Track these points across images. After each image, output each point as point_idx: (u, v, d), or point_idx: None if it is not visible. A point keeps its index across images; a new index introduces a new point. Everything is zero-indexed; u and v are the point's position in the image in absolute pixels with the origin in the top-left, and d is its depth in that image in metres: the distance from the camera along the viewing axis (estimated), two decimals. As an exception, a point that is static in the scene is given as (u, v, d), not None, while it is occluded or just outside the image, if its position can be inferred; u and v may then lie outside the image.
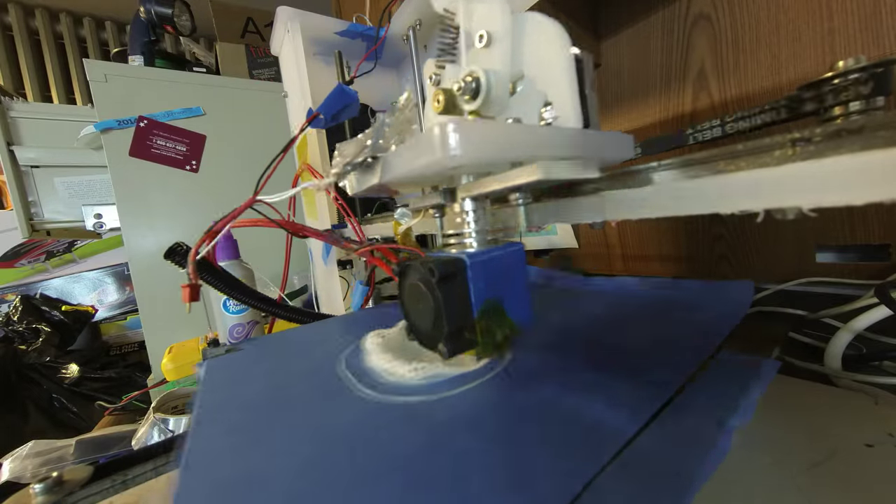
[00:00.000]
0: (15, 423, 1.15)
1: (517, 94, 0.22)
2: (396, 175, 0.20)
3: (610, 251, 0.70)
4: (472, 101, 0.20)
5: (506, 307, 0.21)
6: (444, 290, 0.19)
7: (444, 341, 0.20)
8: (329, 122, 0.30)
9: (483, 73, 0.20)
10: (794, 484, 0.19)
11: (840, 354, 0.32)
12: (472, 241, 0.23)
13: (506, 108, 0.22)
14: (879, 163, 0.10)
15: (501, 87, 0.21)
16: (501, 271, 0.21)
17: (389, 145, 0.22)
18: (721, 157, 0.14)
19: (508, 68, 0.21)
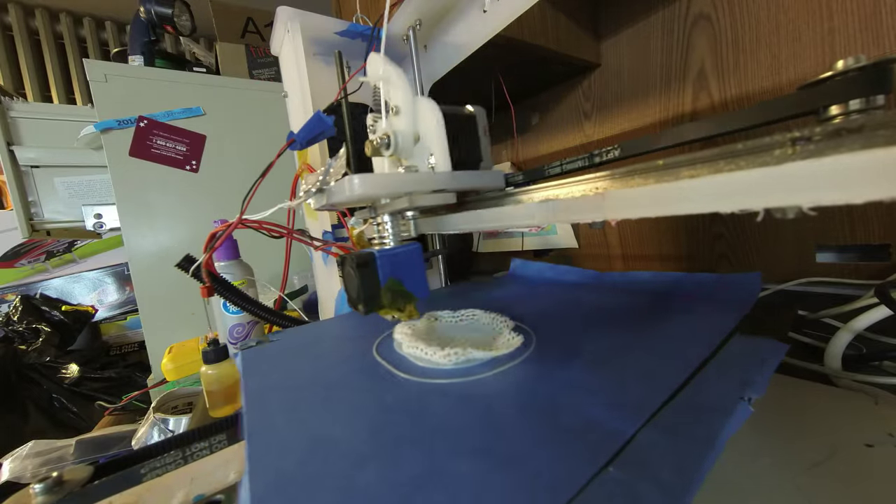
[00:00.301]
0: (15, 423, 1.15)
1: (418, 145, 0.31)
2: (334, 200, 0.31)
3: (610, 251, 0.70)
4: (387, 149, 0.31)
5: (405, 284, 0.30)
6: (361, 272, 0.28)
7: (362, 304, 0.28)
8: (304, 145, 0.36)
9: (392, 134, 0.31)
10: (795, 484, 0.20)
11: (840, 354, 0.32)
12: (389, 241, 0.33)
13: (411, 154, 0.32)
14: (879, 161, 0.10)
15: (406, 142, 0.31)
16: (401, 261, 0.30)
17: (331, 181, 0.31)
18: (721, 156, 0.14)
19: (410, 129, 0.31)
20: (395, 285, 0.29)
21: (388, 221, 0.33)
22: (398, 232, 0.33)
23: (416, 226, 0.35)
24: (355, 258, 0.28)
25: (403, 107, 0.31)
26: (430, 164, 0.31)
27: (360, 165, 0.36)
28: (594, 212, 0.19)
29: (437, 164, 0.30)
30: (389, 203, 0.32)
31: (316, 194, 0.33)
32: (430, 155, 0.31)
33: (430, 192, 0.30)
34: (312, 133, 0.34)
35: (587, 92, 0.70)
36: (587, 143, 0.72)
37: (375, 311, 0.29)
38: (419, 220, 0.36)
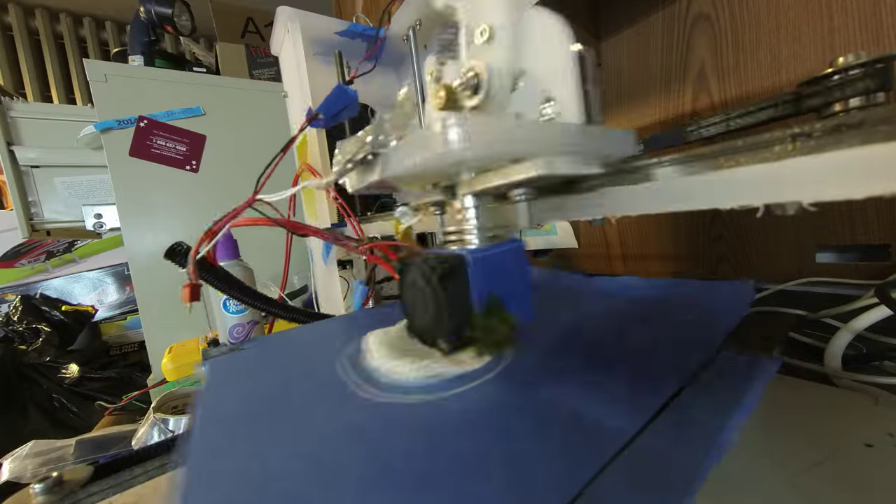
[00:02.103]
0: (15, 423, 1.15)
1: (518, 89, 0.21)
2: (396, 171, 0.20)
3: (610, 251, 0.70)
4: (473, 96, 0.20)
5: (506, 304, 0.21)
6: (446, 287, 0.19)
7: (446, 338, 0.20)
8: (329, 122, 0.30)
9: (484, 69, 0.20)
10: (794, 484, 0.19)
11: (840, 354, 0.32)
12: (473, 238, 0.22)
13: (507, 104, 0.22)
14: (880, 157, 0.10)
15: (503, 83, 0.21)
16: (502, 268, 0.21)
17: (389, 141, 0.22)
18: (721, 152, 0.14)
19: (510, 64, 0.21)
20: (496, 306, 0.20)
21: (471, 207, 0.23)
22: (484, 224, 0.23)
23: (530, 212, 0.23)
24: (437, 264, 0.19)
25: (503, 26, 0.21)
26: (545, 117, 0.21)
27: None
28: (595, 210, 0.19)
29: (565, 113, 0.20)
30: (478, 178, 0.21)
31: (359, 166, 0.23)
32: (547, 102, 0.20)
33: (560, 153, 0.18)
34: (336, 107, 0.29)
35: (587, 92, 0.70)
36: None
37: (464, 347, 0.21)
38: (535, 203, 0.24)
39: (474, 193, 0.22)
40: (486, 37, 0.21)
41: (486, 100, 0.21)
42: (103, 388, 1.28)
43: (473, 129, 0.15)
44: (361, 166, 0.23)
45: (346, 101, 0.29)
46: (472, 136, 0.15)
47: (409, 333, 0.24)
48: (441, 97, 0.21)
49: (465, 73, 0.21)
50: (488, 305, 0.20)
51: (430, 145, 0.16)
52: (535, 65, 0.21)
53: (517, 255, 0.21)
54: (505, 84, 0.21)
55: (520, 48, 0.21)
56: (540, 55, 0.21)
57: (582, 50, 0.20)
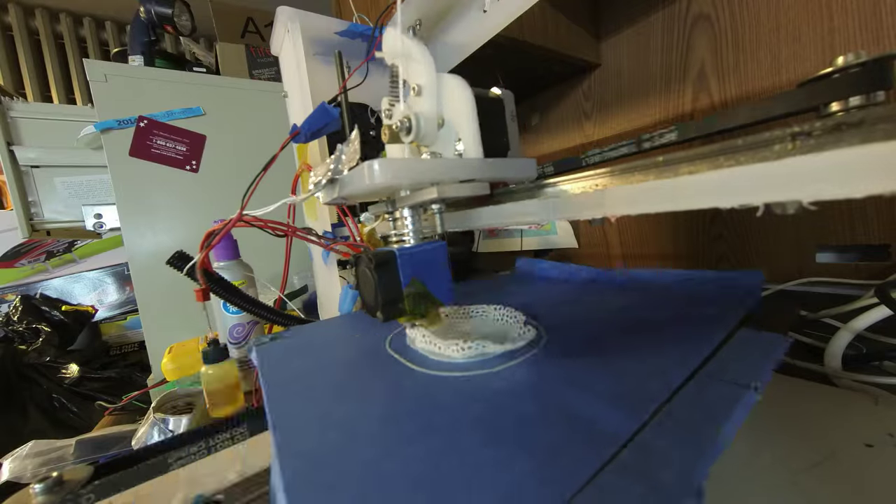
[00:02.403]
0: (15, 423, 1.15)
1: (442, 129, 0.28)
2: (348, 191, 0.28)
3: (610, 251, 0.70)
4: (408, 135, 0.28)
5: (428, 287, 0.27)
6: (380, 273, 0.25)
7: (381, 309, 0.26)
8: (309, 138, 0.34)
9: (414, 116, 0.27)
10: (795, 483, 0.19)
11: (840, 354, 0.32)
12: (410, 239, 0.30)
13: (434, 140, 0.29)
14: (879, 155, 0.10)
15: (429, 126, 0.28)
16: (424, 261, 0.27)
17: (343, 169, 0.29)
18: (721, 151, 0.14)
19: (434, 111, 0.28)
20: (419, 288, 0.27)
21: (408, 216, 0.30)
22: (419, 229, 0.30)
23: (443, 221, 0.31)
24: (373, 257, 0.26)
25: (427, 86, 0.28)
26: (457, 151, 0.28)
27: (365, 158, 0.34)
28: (595, 208, 0.19)
29: (466, 150, 0.27)
30: (411, 195, 0.29)
31: (326, 186, 0.30)
32: (458, 140, 0.27)
33: (459, 181, 0.27)
34: (317, 125, 0.33)
35: (587, 92, 0.70)
36: (587, 143, 0.72)
37: (395, 317, 0.27)
38: (445, 215, 0.32)
39: (408, 206, 0.29)
40: (417, 91, 0.28)
41: (417, 137, 0.28)
42: (103, 388, 1.28)
43: (384, 166, 0.23)
44: (328, 185, 0.30)
45: (327, 120, 0.33)
46: (384, 171, 0.23)
47: (362, 309, 0.29)
48: (387, 134, 0.28)
49: (400, 120, 0.28)
50: (411, 287, 0.27)
51: (362, 177, 0.24)
52: (450, 113, 0.28)
53: (437, 253, 0.28)
54: (432, 126, 0.28)
55: (441, 100, 0.28)
56: (452, 106, 0.27)
57: (501, 93, 0.30)
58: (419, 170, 0.25)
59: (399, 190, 0.29)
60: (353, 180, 0.26)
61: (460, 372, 0.25)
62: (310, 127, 0.33)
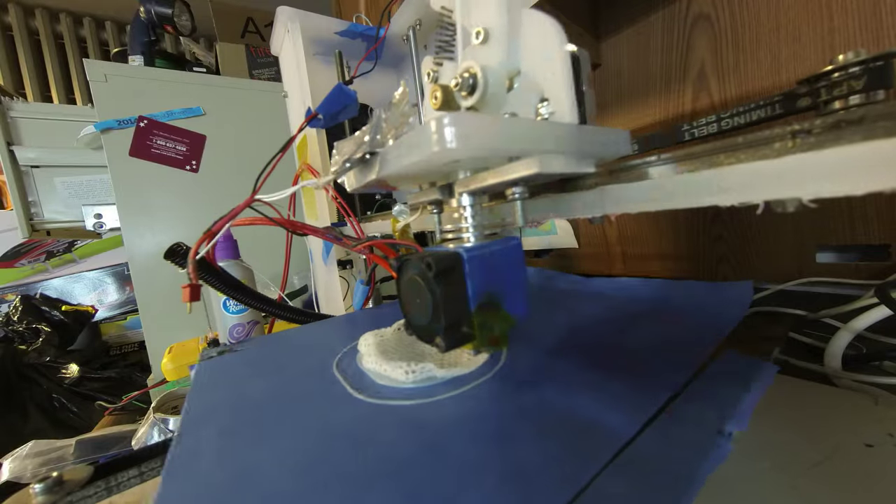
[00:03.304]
0: (15, 423, 1.15)
1: (514, 89, 0.22)
2: (394, 170, 0.20)
3: (610, 251, 0.70)
4: (469, 96, 0.21)
5: (502, 301, 0.21)
6: (442, 284, 0.19)
7: (442, 335, 0.20)
8: (328, 122, 0.30)
9: (480, 69, 0.20)
10: (794, 484, 0.19)
11: (840, 354, 0.31)
12: (470, 237, 0.23)
13: (503, 104, 0.22)
14: (880, 152, 0.10)
15: (498, 83, 0.21)
16: (499, 266, 0.21)
17: (386, 140, 0.22)
18: (721, 149, 0.14)
19: (506, 64, 0.21)
20: (492, 303, 0.20)
21: (467, 206, 0.23)
22: (481, 223, 0.23)
23: (523, 210, 0.22)
24: (434, 262, 0.19)
25: (497, 28, 0.21)
26: (540, 115, 0.21)
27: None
28: (595, 207, 0.19)
29: (559, 113, 0.20)
30: (475, 176, 0.21)
31: (358, 164, 0.23)
32: (542, 102, 0.21)
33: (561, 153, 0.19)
34: (335, 107, 0.29)
35: (587, 92, 0.70)
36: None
37: (461, 344, 0.21)
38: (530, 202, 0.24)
39: (470, 192, 0.22)
40: (481, 38, 0.21)
41: (482, 100, 0.21)
42: (103, 388, 1.28)
43: (467, 128, 0.16)
44: (360, 165, 0.23)
45: (346, 101, 0.29)
46: (467, 135, 0.16)
47: (407, 331, 0.24)
48: (438, 97, 0.21)
49: (461, 74, 0.21)
50: (484, 303, 0.20)
51: (427, 144, 0.16)
52: (530, 65, 0.21)
53: (513, 254, 0.22)
54: (500, 84, 0.21)
55: (515, 49, 0.21)
56: (535, 56, 0.21)
57: (577, 51, 0.21)
58: (514, 134, 0.17)
59: (458, 171, 0.21)
60: (406, 152, 0.19)
61: (404, 400, 0.22)
62: (327, 109, 0.29)
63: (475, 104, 0.21)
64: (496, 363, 0.25)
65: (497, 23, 0.21)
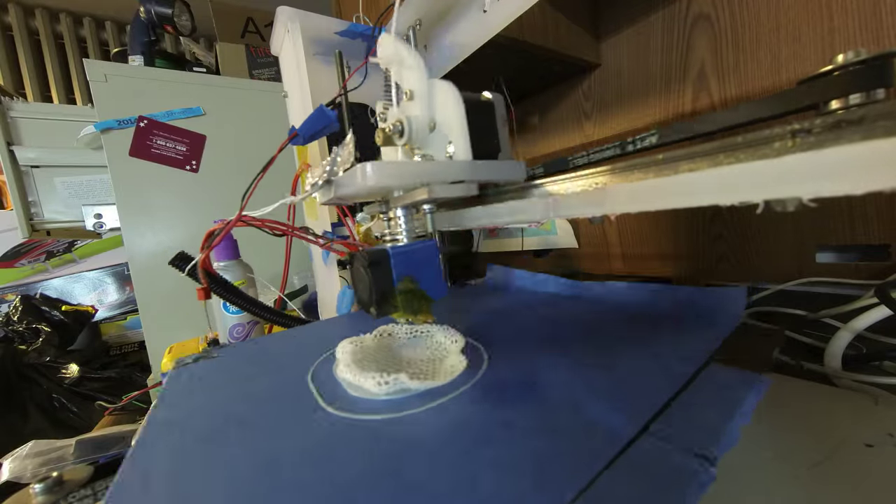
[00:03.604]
0: (15, 423, 1.14)
1: (434, 133, 0.29)
2: (343, 192, 0.29)
3: (609, 251, 0.70)
4: (400, 138, 0.29)
5: (421, 284, 0.28)
6: (373, 271, 0.26)
7: (374, 306, 0.27)
8: (307, 140, 0.34)
9: (406, 119, 0.28)
10: (794, 484, 0.19)
11: (840, 354, 0.31)
12: (403, 238, 0.31)
13: (427, 143, 0.30)
14: (880, 152, 0.10)
15: (420, 129, 0.29)
16: (416, 259, 0.28)
17: (338, 171, 0.29)
18: (721, 149, 0.14)
19: (426, 115, 0.29)
20: (411, 285, 0.27)
21: (401, 216, 0.31)
22: (412, 228, 0.31)
23: (433, 221, 0.32)
24: (367, 256, 0.26)
25: (418, 90, 0.29)
26: (448, 154, 0.28)
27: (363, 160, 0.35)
28: (595, 206, 0.19)
29: (456, 152, 0.28)
30: (403, 196, 0.30)
31: (322, 187, 0.31)
32: (449, 143, 0.28)
33: (449, 182, 0.28)
34: (315, 127, 0.33)
35: (587, 92, 0.70)
36: (587, 143, 0.72)
37: (389, 313, 0.27)
38: (436, 215, 0.33)
39: (401, 206, 0.31)
40: (409, 96, 0.29)
41: (410, 140, 0.29)
42: (103, 388, 1.28)
43: (376, 168, 0.24)
44: (325, 186, 0.31)
45: (325, 122, 0.33)
46: (376, 173, 0.24)
47: (357, 305, 0.30)
48: (380, 136, 0.29)
49: (393, 123, 0.29)
50: (403, 284, 0.27)
51: (356, 177, 0.25)
52: (441, 116, 0.29)
53: (428, 251, 0.29)
54: (423, 129, 0.29)
55: (433, 105, 0.29)
56: (444, 110, 0.28)
57: (491, 97, 0.31)
58: (410, 172, 0.26)
59: (392, 191, 0.30)
60: (348, 182, 0.27)
61: (375, 414, 0.22)
62: (308, 130, 0.33)
63: (405, 143, 0.29)
64: (474, 375, 0.26)
65: (418, 87, 0.29)
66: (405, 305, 0.27)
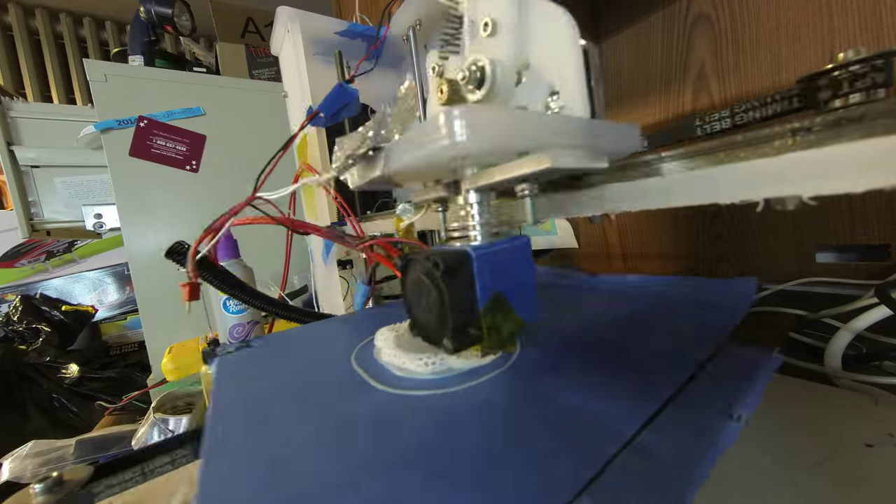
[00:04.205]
0: (15, 423, 1.15)
1: (523, 83, 0.21)
2: (400, 166, 0.19)
3: (610, 251, 0.70)
4: (476, 90, 0.20)
5: (511, 302, 0.21)
6: (449, 283, 0.18)
7: (450, 336, 0.19)
8: (329, 120, 0.30)
9: (488, 62, 0.20)
10: (794, 484, 0.19)
11: (840, 354, 0.31)
12: (477, 235, 0.22)
13: (512, 98, 0.21)
14: (880, 150, 0.10)
15: (507, 76, 0.20)
16: (507, 265, 0.21)
17: (392, 135, 0.21)
18: (721, 147, 0.14)
19: (515, 57, 0.20)
20: (501, 304, 0.20)
21: (474, 203, 0.22)
22: (488, 221, 0.22)
23: (535, 208, 0.21)
24: (440, 260, 0.18)
25: (505, 19, 0.20)
26: (550, 109, 0.21)
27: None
28: (596, 205, 0.19)
29: (570, 106, 0.20)
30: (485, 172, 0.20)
31: (361, 162, 0.22)
32: (553, 95, 0.20)
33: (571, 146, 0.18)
34: (336, 105, 0.30)
35: (587, 92, 0.70)
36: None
37: (469, 346, 0.21)
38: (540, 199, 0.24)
39: (478, 189, 0.21)
40: (489, 30, 0.21)
41: (491, 93, 0.20)
42: (103, 388, 1.28)
43: (477, 122, 0.15)
44: (363, 162, 0.22)
45: (347, 100, 0.29)
46: (477, 129, 0.15)
47: (412, 332, 0.23)
48: (444, 91, 0.20)
49: (468, 67, 0.20)
50: (492, 303, 0.19)
51: (434, 137, 0.16)
52: (540, 58, 0.20)
53: (522, 253, 0.21)
54: (509, 77, 0.21)
55: (525, 41, 0.21)
56: (545, 47, 0.20)
57: (586, 45, 0.21)
58: (526, 128, 0.17)
59: (465, 167, 0.21)
60: (413, 146, 0.18)
61: (423, 390, 0.22)
62: (329, 108, 0.30)
63: (483, 98, 0.21)
64: (510, 357, 0.26)
65: (506, 14, 0.20)
66: (492, 333, 0.20)
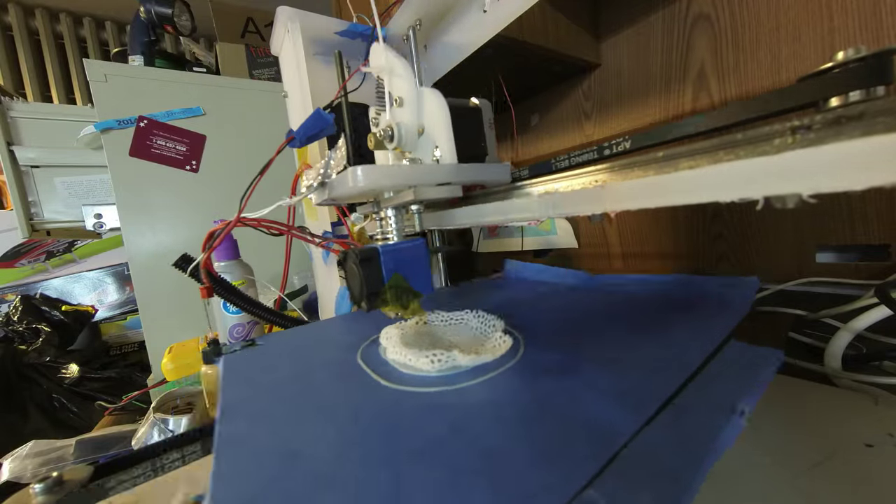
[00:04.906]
0: (15, 423, 1.14)
1: (422, 137, 0.31)
2: (336, 194, 0.32)
3: (609, 250, 0.70)
4: (391, 142, 0.31)
5: (409, 280, 0.30)
6: (364, 268, 0.28)
7: (365, 300, 0.28)
8: (303, 142, 0.34)
9: (396, 125, 0.31)
10: (795, 483, 0.19)
11: (840, 354, 0.31)
12: (393, 237, 0.33)
13: (416, 147, 0.32)
14: (879, 147, 0.10)
15: (409, 134, 0.31)
16: (405, 257, 0.30)
17: (332, 174, 0.32)
18: (721, 146, 0.14)
19: (414, 121, 0.31)
20: (399, 281, 0.29)
21: (391, 216, 0.33)
22: (402, 227, 0.33)
23: (421, 220, 0.35)
24: (358, 253, 0.28)
25: (407, 98, 0.31)
26: (435, 157, 0.30)
27: (360, 161, 0.34)
28: (594, 203, 0.19)
29: (442, 156, 0.30)
30: (393, 197, 0.32)
31: (317, 189, 0.34)
32: (436, 147, 0.30)
33: (435, 185, 0.30)
34: (312, 130, 0.33)
35: (587, 92, 0.70)
36: (588, 143, 0.72)
37: (379, 307, 0.29)
38: (424, 215, 0.35)
39: (394, 206, 0.33)
40: (399, 103, 0.31)
41: (399, 144, 0.31)
42: (103, 388, 1.28)
43: (367, 172, 0.27)
44: (319, 188, 0.34)
45: (322, 126, 0.34)
46: (368, 176, 0.27)
47: (350, 300, 0.31)
48: (372, 141, 0.31)
49: (384, 129, 0.31)
50: (393, 281, 0.29)
51: (347, 181, 0.27)
52: (429, 122, 0.31)
53: (418, 249, 0.31)
54: (412, 134, 0.31)
55: (421, 111, 0.31)
56: (431, 117, 0.30)
57: (479, 103, 0.34)
58: (398, 175, 0.29)
59: (382, 192, 0.32)
60: (340, 184, 0.29)
61: (430, 387, 0.24)
62: (304, 133, 0.34)
63: (395, 147, 0.31)
64: (514, 354, 0.28)
65: (409, 93, 0.31)
66: (394, 300, 0.29)
